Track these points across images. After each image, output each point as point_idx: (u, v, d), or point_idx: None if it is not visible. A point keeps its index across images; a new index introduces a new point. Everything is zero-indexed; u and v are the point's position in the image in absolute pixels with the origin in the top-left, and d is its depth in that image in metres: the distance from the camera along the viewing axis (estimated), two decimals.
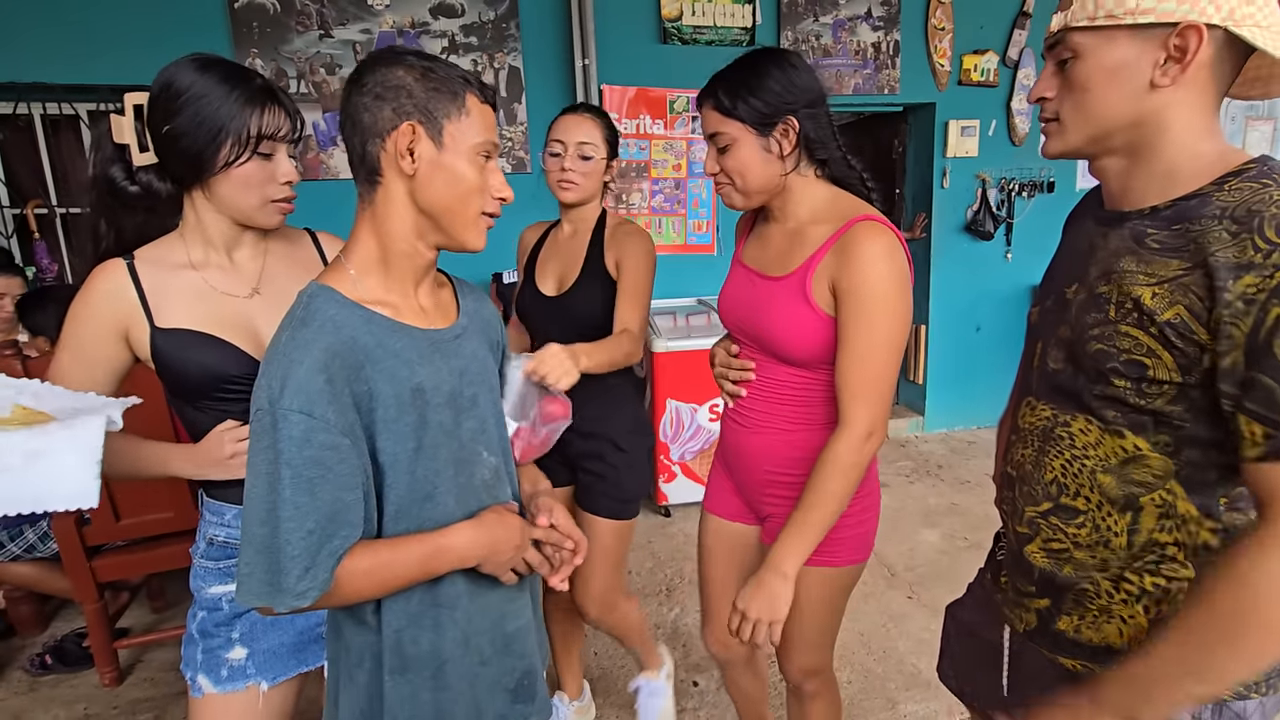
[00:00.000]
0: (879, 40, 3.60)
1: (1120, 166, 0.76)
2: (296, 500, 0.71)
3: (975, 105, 3.76)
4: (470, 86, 0.79)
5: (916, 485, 3.37)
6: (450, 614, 0.86)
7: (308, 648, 1.07)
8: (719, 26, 3.38)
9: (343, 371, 0.74)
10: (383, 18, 3.04)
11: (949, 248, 3.93)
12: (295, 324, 0.76)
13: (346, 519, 0.75)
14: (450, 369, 0.85)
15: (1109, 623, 0.80)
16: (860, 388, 1.05)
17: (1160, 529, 0.76)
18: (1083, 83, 0.73)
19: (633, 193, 3.43)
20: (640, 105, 3.34)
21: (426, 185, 0.78)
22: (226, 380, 0.98)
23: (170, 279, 0.98)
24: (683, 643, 2.22)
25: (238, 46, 2.89)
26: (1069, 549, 0.82)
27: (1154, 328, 0.70)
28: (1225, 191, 0.68)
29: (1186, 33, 0.67)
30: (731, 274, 1.26)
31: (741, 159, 1.10)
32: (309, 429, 0.71)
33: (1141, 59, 0.70)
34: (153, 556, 1.96)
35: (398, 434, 0.79)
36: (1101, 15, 0.70)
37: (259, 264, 1.04)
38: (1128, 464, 0.76)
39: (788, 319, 1.10)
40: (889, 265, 1.03)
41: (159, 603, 2.46)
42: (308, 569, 0.72)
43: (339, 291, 0.79)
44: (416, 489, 0.82)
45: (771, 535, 1.22)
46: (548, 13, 3.19)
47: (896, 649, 2.15)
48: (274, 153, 0.97)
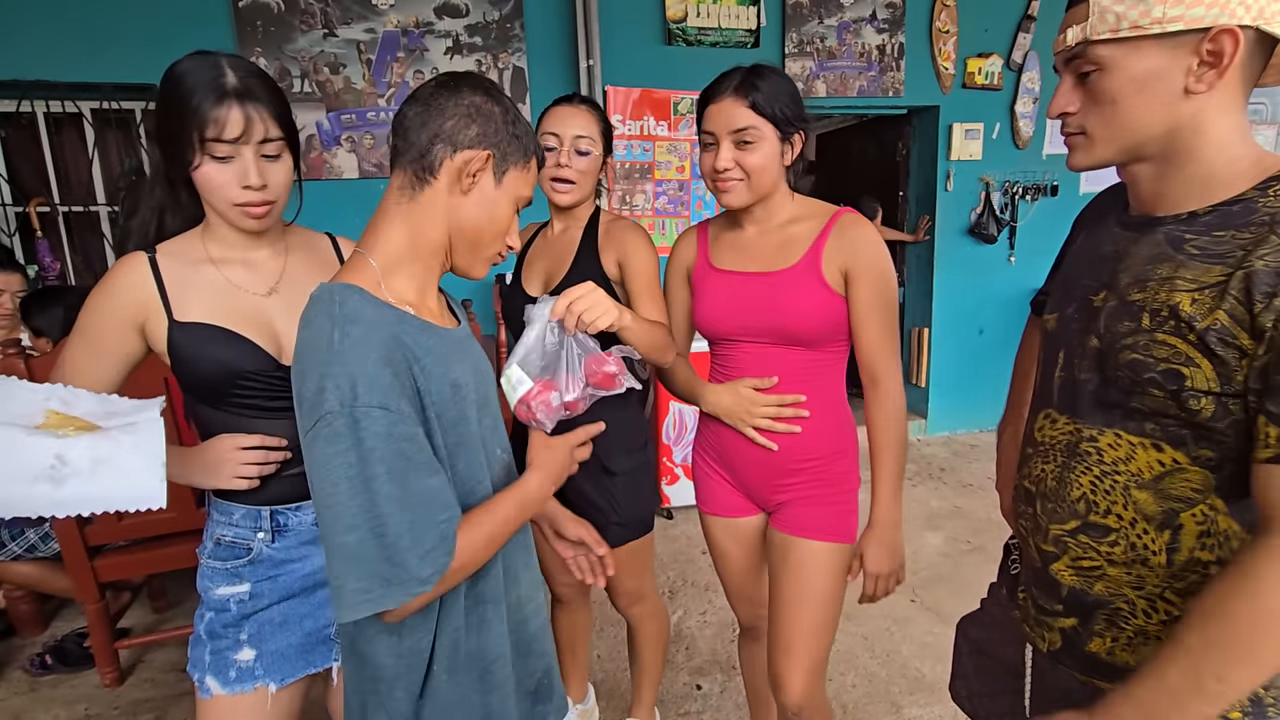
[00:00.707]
0: (883, 43, 3.59)
1: (1153, 172, 0.74)
2: (394, 494, 0.71)
3: (979, 108, 3.76)
4: (535, 149, 0.87)
5: (919, 488, 3.37)
6: (496, 609, 0.87)
7: (316, 649, 1.06)
8: (724, 28, 3.38)
9: (402, 365, 0.75)
10: (387, 17, 3.04)
11: (952, 251, 3.93)
12: (342, 322, 0.74)
13: (443, 501, 0.76)
14: (471, 367, 0.87)
15: (1146, 644, 0.76)
16: (890, 350, 1.19)
17: (1202, 547, 0.73)
18: (1111, 96, 0.71)
19: (636, 194, 3.42)
20: (644, 107, 3.34)
21: (470, 209, 0.83)
22: (242, 376, 0.98)
23: (190, 274, 0.99)
24: (686, 645, 2.21)
25: (241, 45, 2.88)
26: (1101, 566, 0.78)
27: (1193, 335, 0.68)
28: (1271, 196, 0.66)
29: (1220, 37, 0.65)
30: (709, 283, 1.28)
31: (766, 157, 1.16)
32: (390, 423, 0.72)
33: (1173, 67, 0.67)
34: (154, 556, 1.95)
35: (442, 430, 0.81)
36: (1125, 26, 0.67)
37: (280, 264, 1.05)
38: (1164, 478, 0.73)
39: (807, 301, 1.18)
40: (885, 247, 1.20)
41: (160, 603, 2.45)
42: (428, 551, 0.73)
43: (366, 290, 0.78)
44: (459, 485, 0.82)
45: (787, 521, 1.27)
46: (552, 13, 3.19)
47: (900, 653, 2.15)
48: (233, 155, 0.92)
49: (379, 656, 0.83)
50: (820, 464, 1.25)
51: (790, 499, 1.26)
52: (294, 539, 1.04)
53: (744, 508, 1.34)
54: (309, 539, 1.05)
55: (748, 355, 1.25)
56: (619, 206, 3.40)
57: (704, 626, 2.31)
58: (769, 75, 1.16)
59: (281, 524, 1.04)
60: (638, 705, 1.72)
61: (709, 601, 2.44)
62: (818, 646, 1.25)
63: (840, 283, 1.18)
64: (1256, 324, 0.64)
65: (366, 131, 3.10)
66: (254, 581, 1.03)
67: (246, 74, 0.93)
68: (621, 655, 2.17)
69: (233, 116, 0.90)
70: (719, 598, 2.44)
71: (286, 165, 0.98)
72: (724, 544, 1.39)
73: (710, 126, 1.17)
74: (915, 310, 4.15)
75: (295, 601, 1.05)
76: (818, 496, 1.25)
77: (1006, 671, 0.94)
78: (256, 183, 0.93)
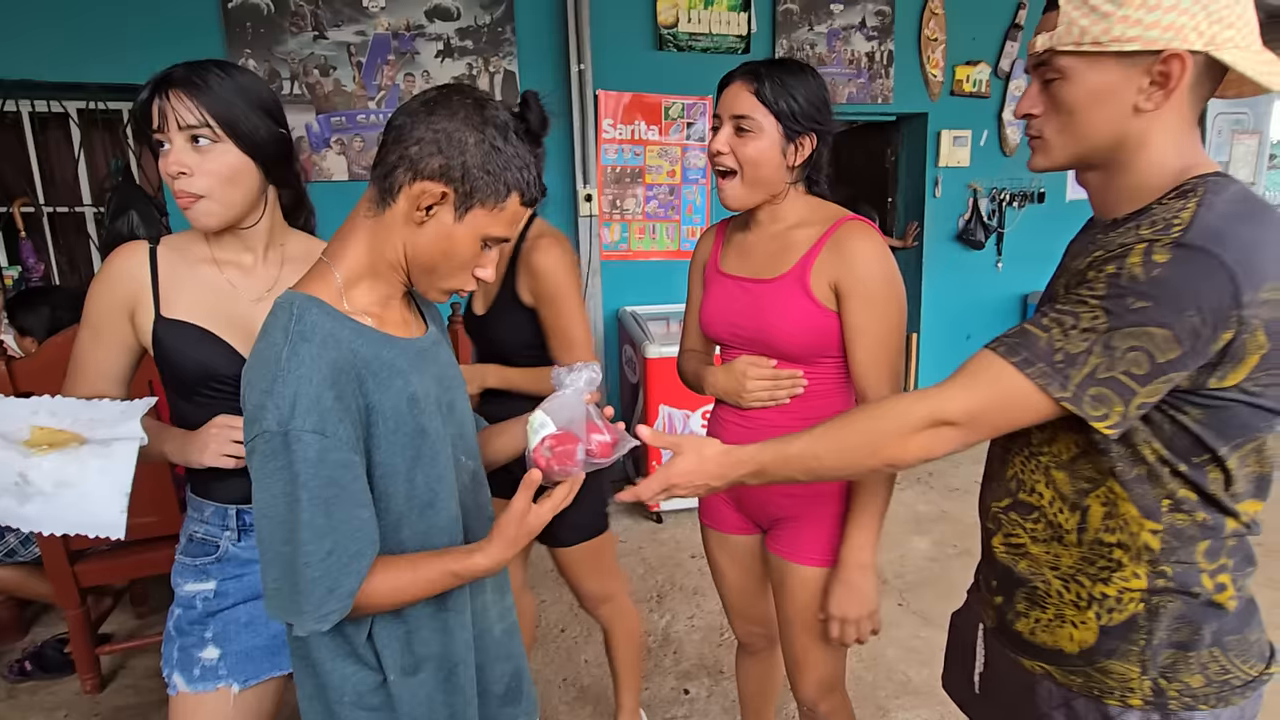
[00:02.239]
0: (873, 50, 3.62)
1: (1099, 181, 0.79)
2: (315, 522, 0.71)
3: (967, 115, 3.79)
4: (520, 188, 0.77)
5: (907, 492, 3.38)
6: (459, 616, 0.86)
7: (282, 650, 1.05)
8: (715, 34, 3.39)
9: (349, 387, 0.74)
10: (378, 20, 3.03)
11: (941, 257, 3.96)
12: (294, 339, 0.73)
13: (366, 536, 0.75)
14: (434, 376, 0.85)
15: (1061, 627, 0.81)
16: (884, 371, 1.11)
17: (1105, 529, 0.77)
18: (1068, 105, 0.74)
19: (627, 198, 3.43)
20: (635, 111, 3.35)
21: (424, 241, 0.77)
22: (216, 378, 0.99)
23: (187, 271, 1.00)
24: (674, 650, 2.21)
25: (230, 47, 2.87)
26: (1025, 544, 0.84)
27: None
28: (1161, 204, 0.72)
29: (1170, 61, 0.68)
30: (713, 285, 1.26)
31: (761, 150, 1.10)
32: (323, 448, 0.71)
33: (1126, 84, 0.71)
34: (137, 561, 1.93)
35: (396, 445, 0.78)
36: (1087, 41, 0.71)
37: (274, 271, 1.05)
38: (1077, 460, 0.78)
39: (790, 315, 1.13)
40: (888, 260, 1.10)
41: (143, 608, 2.43)
42: (330, 590, 0.72)
43: (326, 302, 0.77)
44: (416, 497, 0.81)
45: (779, 541, 1.24)
46: (544, 17, 3.19)
47: (886, 656, 2.15)
48: (168, 144, 0.92)
49: (323, 661, 0.82)
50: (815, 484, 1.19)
51: (784, 517, 1.23)
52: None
53: (740, 525, 1.31)
54: None
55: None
56: (609, 210, 3.41)
57: (692, 631, 2.31)
58: (790, 69, 1.11)
59: (247, 523, 1.04)
60: (621, 710, 1.72)
61: (697, 606, 2.44)
62: (827, 660, 1.26)
63: (829, 297, 1.11)
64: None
65: (356, 134, 3.10)
66: (220, 580, 1.03)
67: (191, 69, 0.93)
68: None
69: (156, 106, 0.92)
70: (707, 601, 2.44)
71: (222, 155, 0.93)
72: (720, 561, 1.37)
73: (720, 109, 1.14)
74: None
75: (261, 602, 1.04)
76: (812, 516, 1.20)
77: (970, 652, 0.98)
78: (171, 170, 0.92)
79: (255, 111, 0.96)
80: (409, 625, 0.83)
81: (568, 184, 3.33)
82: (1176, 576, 0.75)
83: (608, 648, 1.68)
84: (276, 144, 1.00)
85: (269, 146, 0.98)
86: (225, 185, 0.95)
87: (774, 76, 1.10)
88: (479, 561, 0.79)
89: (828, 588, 1.16)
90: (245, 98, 0.95)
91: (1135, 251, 0.67)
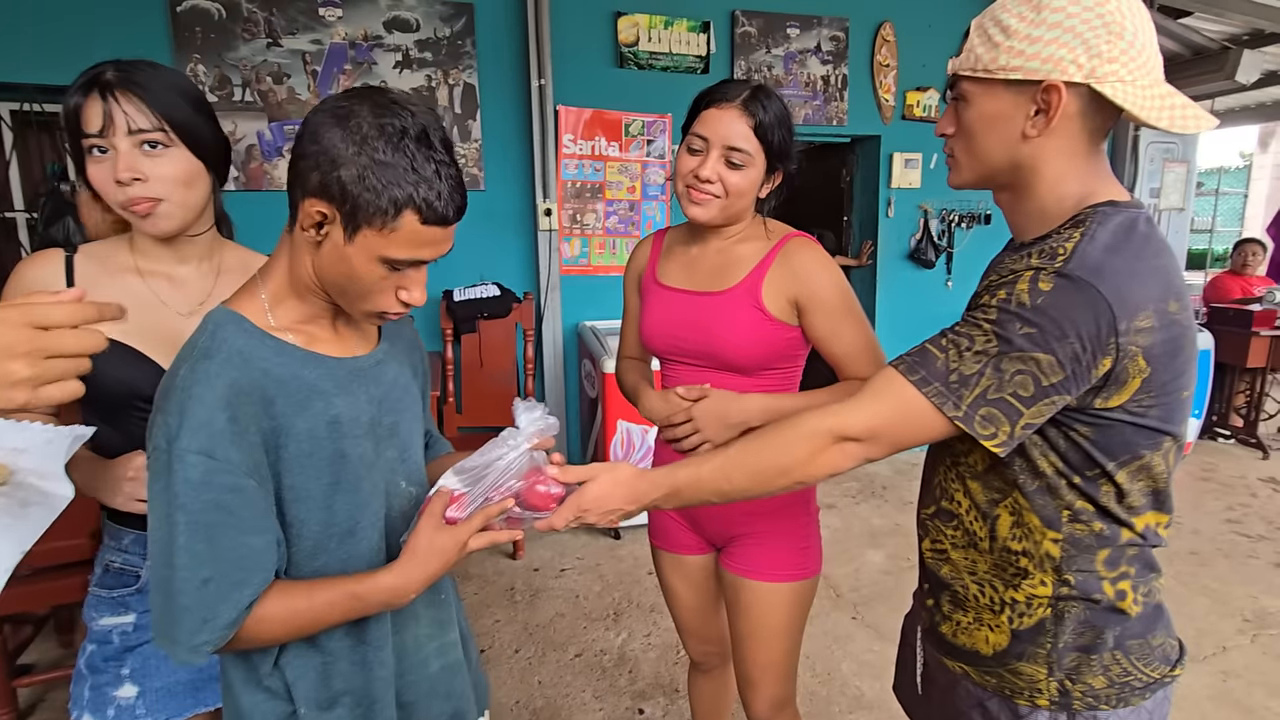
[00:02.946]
0: (828, 74, 3.72)
1: (1008, 203, 0.83)
2: (192, 548, 0.67)
3: (918, 139, 3.92)
4: (412, 205, 0.68)
5: (862, 506, 3.44)
6: (379, 652, 0.81)
7: (206, 685, 1.00)
8: (675, 54, 3.44)
9: (250, 408, 0.70)
10: (334, 29, 2.99)
11: (894, 274, 4.06)
12: (197, 355, 0.70)
13: (255, 564, 0.70)
14: (369, 397, 0.81)
15: (979, 629, 0.85)
16: (864, 355, 1.13)
17: (1012, 537, 0.81)
18: (969, 127, 0.80)
19: (587, 213, 3.43)
20: (596, 127, 3.36)
21: (325, 262, 0.72)
22: (140, 398, 0.93)
23: (109, 281, 0.94)
24: (629, 669, 2.19)
25: (178, 51, 2.79)
26: (947, 549, 0.88)
27: None
28: (1058, 232, 0.75)
29: (1049, 90, 0.72)
30: (652, 297, 1.24)
31: (750, 182, 1.12)
32: (208, 471, 0.67)
33: (1015, 111, 0.75)
34: (60, 587, 1.82)
35: (312, 469, 0.74)
36: (980, 68, 0.76)
37: (208, 284, 0.99)
38: (989, 471, 0.82)
39: (740, 327, 1.14)
40: (833, 265, 1.15)
41: (67, 637, 2.28)
42: (205, 621, 0.68)
43: (248, 320, 0.74)
44: (335, 524, 0.77)
45: (734, 559, 1.23)
46: (504, 32, 3.19)
47: (840, 671, 2.17)
48: (108, 150, 0.87)
49: (234, 687, 0.78)
50: (773, 504, 1.19)
51: (741, 534, 1.22)
52: None
53: (693, 545, 1.30)
54: None
55: (686, 377, 1.22)
56: (569, 225, 3.41)
57: (648, 649, 2.29)
58: (776, 101, 1.11)
59: None
60: None
61: (654, 624, 2.42)
62: (780, 678, 1.26)
63: (789, 312, 1.13)
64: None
65: None
66: (140, 611, 0.97)
67: (127, 69, 0.88)
68: (560, 680, 2.13)
69: (94, 109, 0.86)
70: (664, 619, 2.42)
71: (177, 159, 0.90)
72: (672, 582, 1.36)
73: (705, 131, 1.10)
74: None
75: None
76: (769, 532, 1.20)
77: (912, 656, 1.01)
78: (124, 176, 0.87)
79: (200, 113, 0.93)
80: (326, 657, 0.79)
81: (528, 198, 3.32)
82: (1079, 584, 0.78)
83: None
84: (221, 146, 0.97)
85: (216, 149, 0.96)
86: (182, 189, 0.92)
87: (769, 109, 1.09)
88: (383, 580, 0.73)
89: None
90: (188, 99, 0.92)
91: (1024, 278, 0.70)
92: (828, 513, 3.31)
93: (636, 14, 3.34)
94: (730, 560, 1.24)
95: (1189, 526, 3.23)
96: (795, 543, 1.21)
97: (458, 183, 0.71)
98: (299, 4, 2.93)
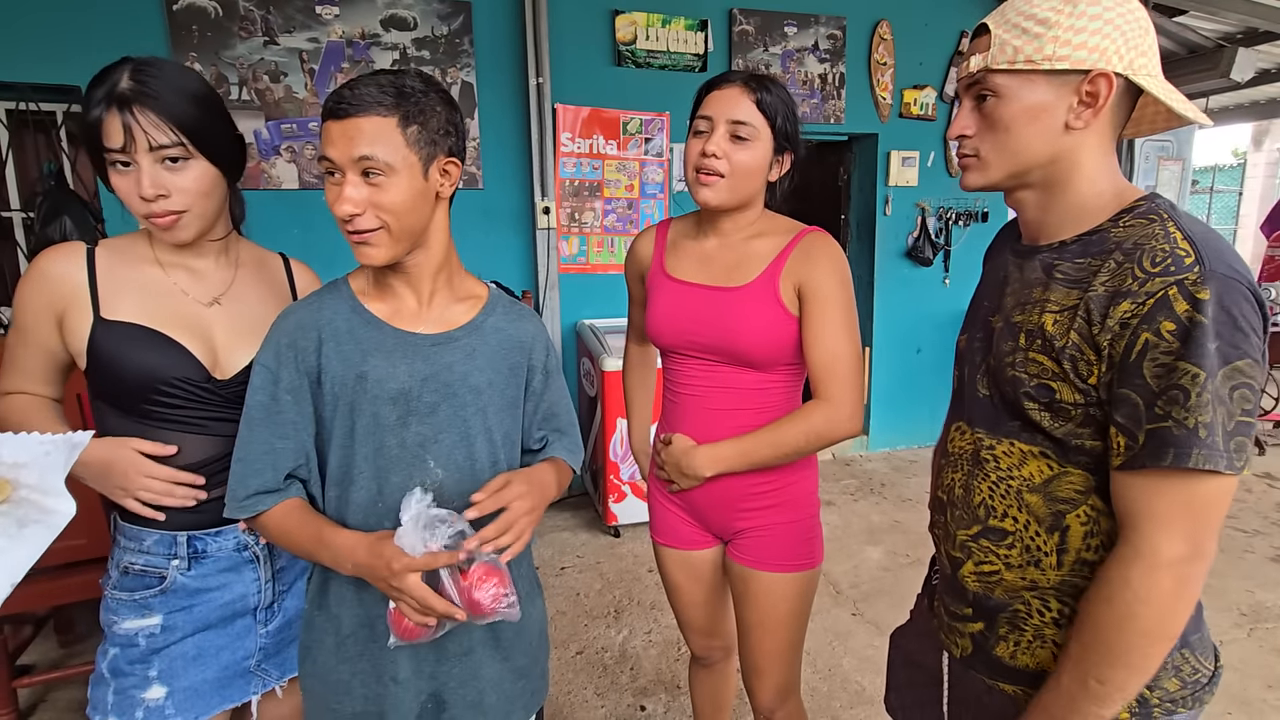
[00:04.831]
0: (825, 72, 3.73)
1: (1036, 200, 0.81)
2: (242, 435, 0.88)
3: (915, 137, 3.93)
4: (325, 109, 0.82)
5: (861, 503, 3.45)
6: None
7: (233, 683, 1.00)
8: (672, 52, 3.44)
9: (305, 343, 0.88)
10: (331, 27, 2.98)
11: (891, 273, 4.07)
12: (302, 299, 0.93)
13: (271, 463, 0.87)
14: (411, 371, 0.88)
15: (1043, 648, 0.80)
16: (838, 368, 1.12)
17: (1087, 548, 0.77)
18: (1005, 122, 0.77)
19: (585, 211, 3.43)
20: (594, 125, 3.36)
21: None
22: (165, 383, 0.93)
23: (130, 272, 0.95)
24: (631, 666, 2.19)
25: (175, 49, 2.78)
26: (999, 570, 0.83)
27: (1054, 353, 0.74)
28: (1120, 228, 0.74)
29: (1098, 80, 0.72)
30: (661, 290, 1.23)
31: (756, 158, 1.12)
32: (263, 380, 0.87)
33: (1058, 103, 0.74)
34: (61, 586, 1.81)
35: (339, 411, 0.88)
36: (1021, 60, 0.74)
37: (228, 275, 1.02)
38: (1051, 482, 0.78)
39: (760, 322, 1.13)
40: (847, 268, 1.16)
41: (67, 636, 2.28)
42: (236, 494, 0.87)
43: (348, 284, 0.93)
44: (342, 466, 0.89)
45: (743, 551, 1.25)
46: (502, 30, 3.19)
47: (841, 666, 2.18)
48: (130, 163, 0.88)
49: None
50: (776, 490, 1.21)
51: (748, 527, 1.23)
52: (212, 566, 0.98)
53: (699, 540, 1.30)
54: (228, 565, 1.00)
55: (696, 371, 1.21)
56: (567, 223, 3.41)
57: (649, 646, 2.29)
58: (779, 86, 1.13)
59: (200, 550, 0.98)
60: None
61: (655, 620, 2.43)
62: (786, 666, 1.27)
63: (794, 302, 1.13)
64: (1096, 342, 0.71)
65: (308, 141, 3.03)
66: (166, 613, 0.96)
67: (144, 78, 0.87)
68: (563, 678, 2.13)
69: (113, 125, 0.86)
70: (665, 616, 2.43)
71: (197, 171, 0.91)
72: (676, 577, 1.35)
73: (708, 111, 1.11)
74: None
75: (212, 633, 0.99)
76: (776, 525, 1.22)
77: (930, 680, 0.97)
78: (149, 193, 0.88)
79: (215, 117, 0.93)
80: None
81: (526, 197, 3.32)
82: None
83: None
84: (237, 149, 0.98)
85: (232, 153, 0.96)
86: (202, 199, 0.93)
87: (771, 89, 1.11)
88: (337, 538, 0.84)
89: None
90: (203, 105, 0.92)
91: (1175, 298, 0.66)
92: (827, 510, 3.32)
93: (634, 12, 3.34)
94: (739, 553, 1.25)
95: None
96: (802, 534, 1.23)
97: (358, 86, 0.80)
98: (296, 2, 2.92)
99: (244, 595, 1.01)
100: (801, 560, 1.23)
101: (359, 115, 0.79)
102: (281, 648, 1.06)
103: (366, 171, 0.80)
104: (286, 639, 1.06)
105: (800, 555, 1.23)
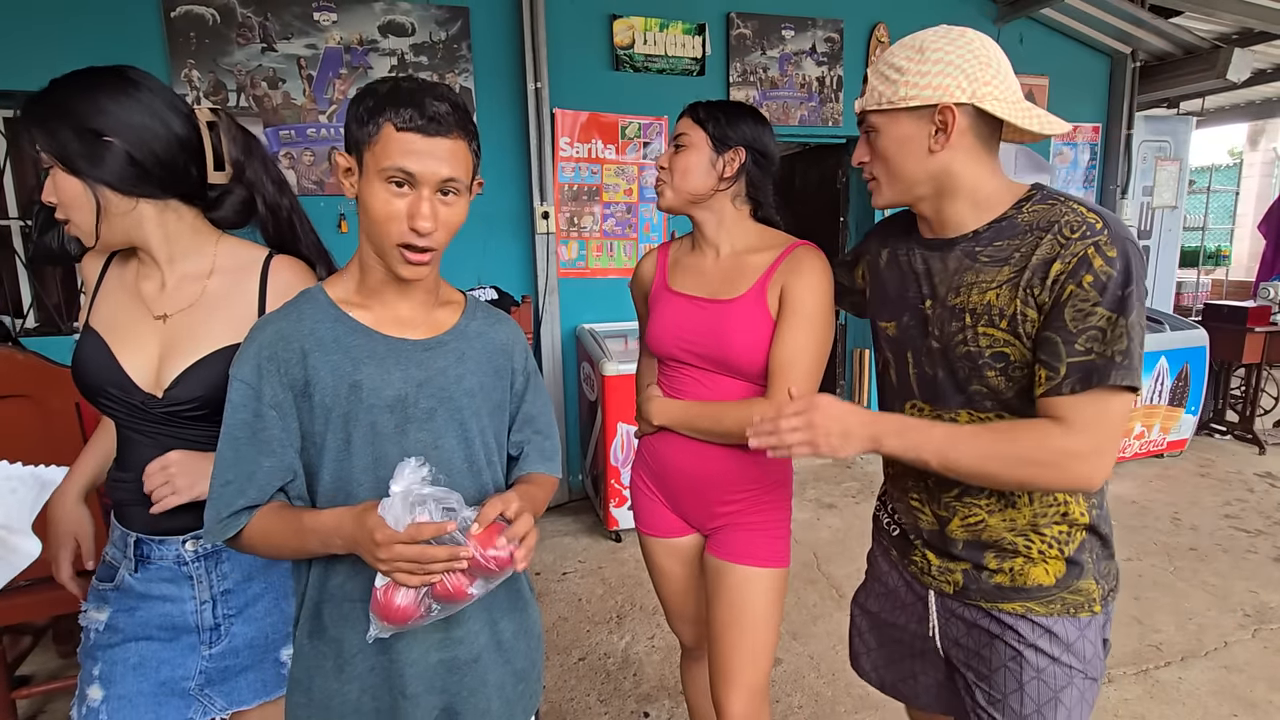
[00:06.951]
0: (823, 75, 3.74)
1: (934, 206, 0.96)
2: (224, 454, 0.83)
3: None
4: (385, 114, 0.78)
5: (862, 505, 3.44)
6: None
7: (168, 702, 0.97)
8: (670, 56, 3.45)
9: (287, 355, 0.83)
10: (329, 33, 2.99)
11: None
12: (272, 312, 0.88)
13: (258, 482, 0.83)
14: (406, 377, 0.86)
15: (1035, 567, 0.97)
16: (791, 373, 1.15)
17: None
18: (883, 152, 0.95)
19: (584, 216, 3.43)
20: (592, 130, 3.37)
21: (360, 215, 0.84)
22: (101, 393, 0.95)
23: (119, 279, 0.99)
24: (634, 671, 2.18)
25: (173, 56, 2.78)
26: (983, 519, 0.98)
27: (1004, 321, 0.89)
28: (1024, 212, 0.91)
29: (945, 111, 0.89)
30: (662, 302, 1.30)
31: (689, 161, 1.22)
32: (244, 396, 0.83)
33: (919, 133, 0.91)
34: (60, 597, 1.79)
35: (332, 423, 0.85)
36: (885, 101, 0.92)
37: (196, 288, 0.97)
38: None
39: (750, 333, 1.18)
40: (829, 283, 1.19)
41: (67, 646, 2.26)
42: (219, 514, 0.82)
43: (325, 292, 0.88)
44: (337, 481, 0.85)
45: (721, 547, 1.27)
46: (500, 35, 3.20)
47: (846, 672, 2.16)
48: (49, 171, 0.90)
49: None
50: (755, 493, 1.26)
51: (724, 524, 1.28)
52: (155, 573, 0.98)
53: (680, 529, 1.35)
54: (170, 577, 0.98)
55: (689, 379, 1.26)
56: (566, 228, 3.40)
57: (651, 652, 2.28)
58: (725, 103, 1.25)
59: (144, 554, 0.98)
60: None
61: (657, 625, 2.42)
62: (756, 671, 1.25)
63: (778, 309, 1.18)
64: (1039, 301, 0.87)
65: (306, 148, 3.03)
66: (113, 611, 0.98)
67: (31, 104, 0.91)
68: (565, 683, 2.12)
69: (32, 131, 0.91)
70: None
71: (60, 181, 0.89)
72: (663, 562, 1.38)
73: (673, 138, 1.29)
74: (856, 332, 4.27)
75: (156, 645, 0.98)
76: (752, 523, 1.26)
77: (909, 634, 1.10)
78: (53, 200, 0.92)
79: (79, 132, 0.88)
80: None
81: (525, 201, 3.32)
82: (1099, 501, 0.98)
83: None
84: (120, 160, 0.89)
85: (113, 165, 0.89)
86: (73, 211, 0.90)
87: (707, 105, 1.24)
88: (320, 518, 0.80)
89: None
90: (70, 120, 0.88)
91: (1093, 256, 0.84)
92: (828, 512, 3.32)
93: (632, 16, 3.35)
94: (717, 547, 1.28)
95: (1187, 522, 3.24)
96: (778, 531, 1.28)
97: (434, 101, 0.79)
98: (294, 9, 2.92)
99: (184, 611, 0.99)
100: (774, 558, 1.26)
101: (447, 136, 0.79)
102: (228, 676, 1.00)
103: (444, 190, 0.81)
104: (234, 668, 1.00)
105: (774, 553, 1.26)
